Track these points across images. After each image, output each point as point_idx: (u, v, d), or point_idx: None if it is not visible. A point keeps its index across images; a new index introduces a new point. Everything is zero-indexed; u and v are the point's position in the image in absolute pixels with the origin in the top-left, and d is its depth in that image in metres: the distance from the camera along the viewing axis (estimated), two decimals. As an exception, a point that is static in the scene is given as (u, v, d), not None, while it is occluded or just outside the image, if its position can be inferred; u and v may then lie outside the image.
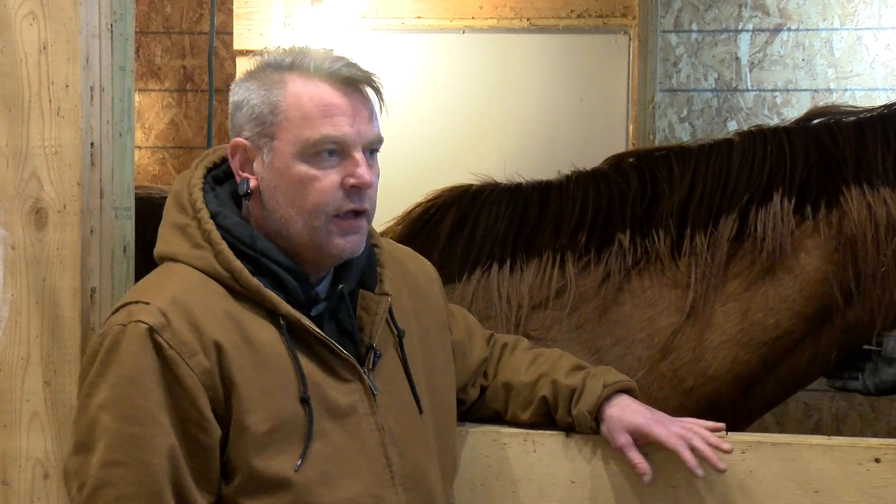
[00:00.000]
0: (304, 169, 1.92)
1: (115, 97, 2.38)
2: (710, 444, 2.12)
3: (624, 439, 2.14)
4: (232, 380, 1.86)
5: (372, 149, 1.97)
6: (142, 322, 1.85)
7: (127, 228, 2.44)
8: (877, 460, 2.15)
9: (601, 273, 2.86)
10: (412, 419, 2.02)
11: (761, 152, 2.83)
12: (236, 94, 2.00)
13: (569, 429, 2.22)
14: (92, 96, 2.30)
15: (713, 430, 2.16)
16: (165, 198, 3.79)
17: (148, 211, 3.63)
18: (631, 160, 2.99)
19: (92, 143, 2.30)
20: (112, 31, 2.36)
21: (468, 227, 2.99)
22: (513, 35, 4.68)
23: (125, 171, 2.43)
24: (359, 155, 1.93)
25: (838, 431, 4.39)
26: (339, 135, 1.92)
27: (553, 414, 2.23)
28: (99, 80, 2.32)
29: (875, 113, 2.86)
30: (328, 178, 1.92)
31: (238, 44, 4.66)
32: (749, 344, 2.80)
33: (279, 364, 1.90)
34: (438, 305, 2.22)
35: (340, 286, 1.99)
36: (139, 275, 2.50)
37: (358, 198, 1.94)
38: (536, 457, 2.25)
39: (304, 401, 1.89)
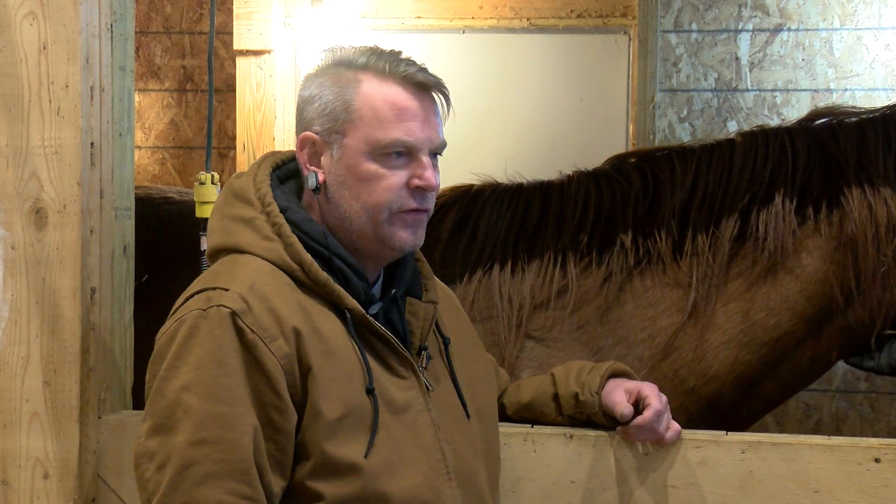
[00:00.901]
0: (372, 168, 1.98)
1: (115, 97, 2.39)
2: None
3: (618, 395, 2.19)
4: (309, 365, 1.89)
5: (435, 153, 2.04)
6: (224, 306, 1.88)
7: (127, 228, 2.45)
8: (877, 460, 2.15)
9: (603, 273, 2.86)
10: (460, 420, 2.07)
11: (763, 152, 2.84)
12: (308, 88, 2.04)
13: (573, 402, 2.23)
14: (92, 96, 2.30)
15: None
16: (166, 198, 3.81)
17: (148, 211, 3.64)
18: (633, 160, 2.99)
19: (92, 143, 2.30)
20: (112, 31, 2.36)
21: (469, 227, 2.98)
22: (513, 35, 4.67)
23: (125, 171, 2.43)
24: (426, 158, 2.00)
25: (838, 431, 4.39)
26: (411, 139, 1.98)
27: (559, 391, 2.27)
28: (99, 79, 2.32)
29: (877, 114, 2.86)
30: (395, 178, 1.98)
31: (238, 44, 4.66)
32: (750, 344, 2.80)
33: (346, 355, 1.94)
34: (468, 322, 2.30)
35: (393, 290, 2.05)
36: (138, 275, 2.51)
37: (421, 198, 2.01)
38: (536, 457, 2.25)
39: (370, 392, 1.93)
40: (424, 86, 2.01)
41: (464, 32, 4.71)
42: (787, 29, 4.50)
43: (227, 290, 1.90)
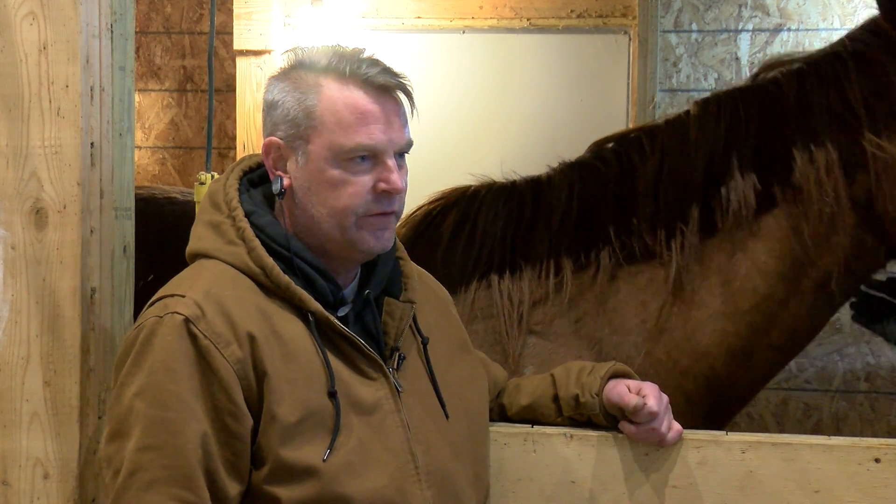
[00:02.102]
0: (336, 173, 1.98)
1: (115, 97, 2.38)
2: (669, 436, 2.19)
3: (622, 388, 2.20)
4: (264, 370, 1.89)
5: (401, 153, 2.03)
6: (177, 313, 1.89)
7: (127, 228, 2.44)
8: (877, 460, 2.15)
9: (594, 263, 2.86)
10: (438, 421, 2.07)
11: (714, 121, 2.82)
12: (271, 93, 2.04)
13: (573, 403, 2.23)
14: (92, 96, 2.30)
15: None
16: (169, 198, 3.81)
17: (151, 211, 3.65)
18: (610, 145, 2.98)
19: (92, 143, 2.30)
20: (112, 31, 2.36)
21: (468, 227, 2.99)
22: (513, 35, 4.67)
23: (125, 171, 2.43)
24: (391, 161, 1.99)
25: (838, 431, 4.39)
26: (373, 143, 1.97)
27: (559, 392, 2.27)
28: (99, 80, 2.32)
29: (815, 56, 2.84)
30: (360, 183, 1.98)
31: (238, 44, 4.66)
32: (733, 315, 2.78)
33: (307, 358, 1.94)
34: (458, 323, 2.29)
35: (366, 291, 2.05)
36: (144, 274, 2.51)
37: (388, 202, 2.00)
38: (536, 457, 2.25)
39: (332, 394, 1.93)
40: (386, 87, 2.00)
41: (464, 32, 4.71)
42: (787, 29, 4.50)
43: (183, 296, 1.92)
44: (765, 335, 2.81)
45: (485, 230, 2.96)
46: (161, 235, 3.46)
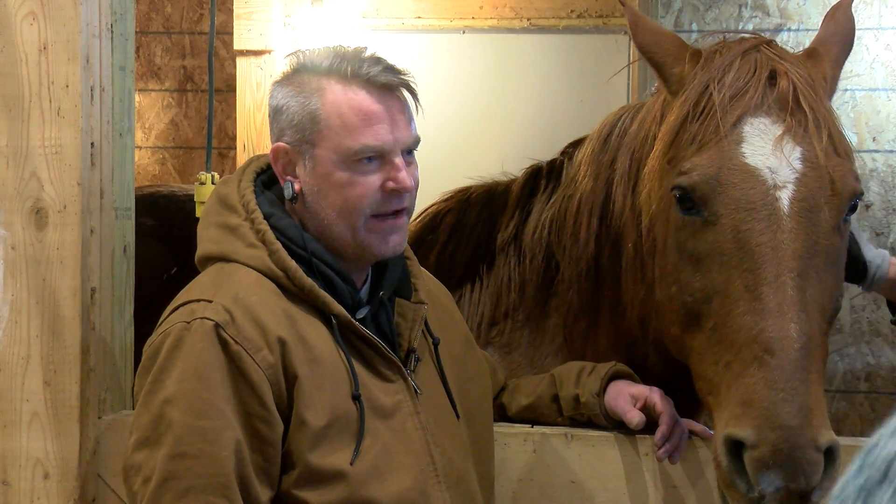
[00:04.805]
0: (345, 176, 1.97)
1: (115, 97, 2.39)
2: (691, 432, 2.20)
3: (623, 401, 2.20)
4: (295, 374, 1.89)
5: (409, 150, 2.02)
6: (207, 319, 1.88)
7: (127, 228, 2.45)
8: (877, 460, 2.15)
9: (536, 278, 2.75)
10: (450, 422, 2.07)
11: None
12: (275, 98, 2.03)
13: (573, 404, 2.23)
14: (92, 96, 2.30)
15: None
16: (188, 194, 3.82)
17: (174, 208, 3.68)
18: (570, 148, 2.90)
19: (92, 143, 2.30)
20: (112, 31, 2.36)
21: (458, 231, 2.96)
22: (513, 35, 4.67)
23: (125, 171, 2.44)
24: (398, 160, 1.99)
25: (838, 431, 4.38)
26: (379, 143, 1.97)
27: (559, 392, 2.27)
28: (99, 80, 2.32)
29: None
30: (368, 183, 1.97)
31: (238, 44, 4.66)
32: (614, 344, 2.63)
33: (332, 362, 1.94)
34: (460, 321, 2.29)
35: (381, 292, 2.05)
36: (168, 267, 2.50)
37: (398, 200, 2.00)
38: (536, 457, 2.25)
39: (356, 398, 1.93)
40: (389, 86, 2.00)
41: (464, 32, 4.71)
42: (787, 29, 4.50)
43: (210, 301, 1.91)
44: (645, 347, 2.55)
45: (469, 234, 2.92)
46: (184, 230, 3.48)
